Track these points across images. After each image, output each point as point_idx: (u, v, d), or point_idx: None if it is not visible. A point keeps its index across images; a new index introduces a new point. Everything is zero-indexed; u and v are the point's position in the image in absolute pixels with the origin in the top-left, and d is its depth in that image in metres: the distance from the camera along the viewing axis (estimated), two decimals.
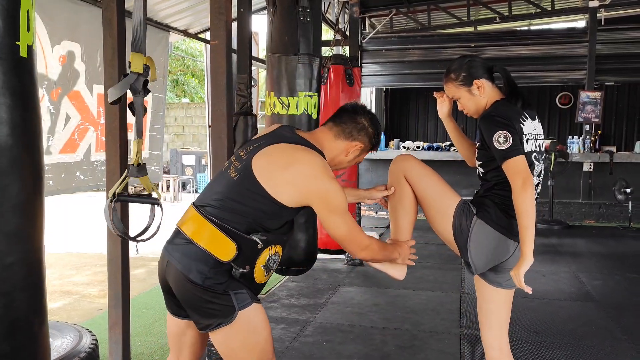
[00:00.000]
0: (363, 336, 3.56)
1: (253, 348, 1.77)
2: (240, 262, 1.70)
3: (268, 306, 4.12)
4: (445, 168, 8.67)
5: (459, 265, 5.46)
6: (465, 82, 2.14)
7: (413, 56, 8.97)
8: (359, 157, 1.99)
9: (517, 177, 1.93)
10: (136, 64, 1.83)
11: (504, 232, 2.07)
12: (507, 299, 2.21)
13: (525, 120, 2.08)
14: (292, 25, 3.18)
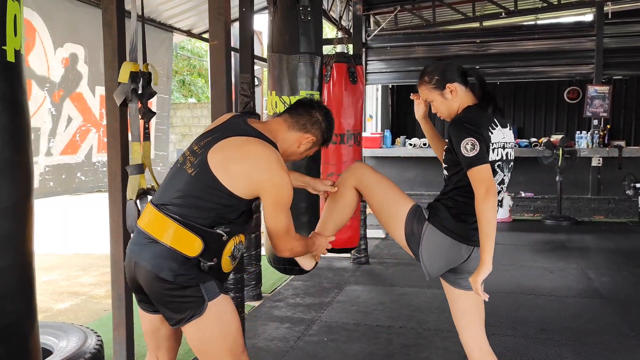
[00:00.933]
0: (368, 335, 3.55)
1: (224, 338, 1.81)
2: (208, 255, 1.76)
3: (273, 305, 4.12)
4: None
5: None
6: (438, 85, 2.17)
7: (418, 53, 8.93)
8: (310, 150, 2.03)
9: (481, 185, 1.94)
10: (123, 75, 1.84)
11: (454, 237, 2.08)
12: (475, 300, 2.20)
13: (495, 128, 2.09)
14: (293, 24, 3.17)
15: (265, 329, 3.62)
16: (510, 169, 2.19)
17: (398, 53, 8.96)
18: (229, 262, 1.84)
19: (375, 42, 8.91)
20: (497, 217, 2.04)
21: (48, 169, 4.15)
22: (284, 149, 1.93)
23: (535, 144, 8.57)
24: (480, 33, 8.81)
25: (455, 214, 2.08)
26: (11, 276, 1.10)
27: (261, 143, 1.81)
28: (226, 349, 1.82)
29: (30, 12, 3.81)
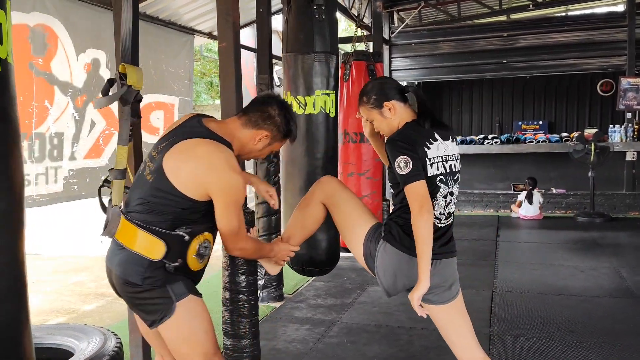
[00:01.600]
0: (389, 337, 3.49)
1: (193, 339, 1.85)
2: (172, 257, 1.81)
3: (294, 306, 4.10)
4: (479, 162, 8.50)
5: (492, 261, 5.33)
6: (376, 104, 2.19)
7: (444, 49, 8.80)
8: (271, 147, 2.02)
9: (415, 202, 1.98)
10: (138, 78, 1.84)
11: (407, 252, 2.08)
12: (453, 312, 2.19)
13: (433, 143, 2.09)
14: (307, 23, 3.14)
15: (285, 331, 3.61)
16: (457, 181, 2.19)
17: (423, 49, 8.85)
18: (196, 261, 1.87)
19: (399, 39, 8.82)
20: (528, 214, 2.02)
21: (72, 173, 4.23)
22: (240, 147, 1.95)
23: (567, 138, 8.35)
24: (507, 26, 8.63)
25: (406, 230, 2.07)
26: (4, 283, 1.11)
27: (211, 144, 1.82)
28: (196, 349, 1.86)
29: (51, 19, 3.88)
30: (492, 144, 8.23)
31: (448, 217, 2.14)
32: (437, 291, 2.12)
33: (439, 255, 2.08)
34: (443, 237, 2.13)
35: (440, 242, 2.11)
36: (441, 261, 2.11)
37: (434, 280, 2.04)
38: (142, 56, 4.95)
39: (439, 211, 2.09)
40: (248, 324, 2.40)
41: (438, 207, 2.08)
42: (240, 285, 2.37)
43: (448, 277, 2.15)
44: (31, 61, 3.77)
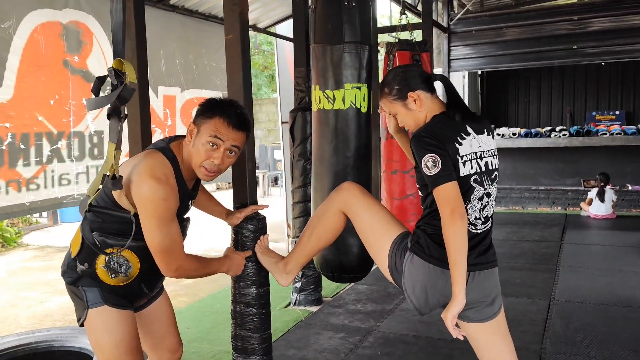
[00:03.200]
0: (427, 349, 3.22)
1: (102, 350, 1.79)
2: (82, 258, 1.77)
3: (331, 312, 3.90)
4: (545, 156, 7.95)
5: (554, 266, 4.90)
6: (400, 95, 1.94)
7: (508, 35, 8.24)
8: (201, 135, 1.76)
9: (445, 207, 1.72)
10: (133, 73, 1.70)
11: (439, 264, 1.82)
12: (494, 331, 1.92)
13: (465, 138, 1.83)
14: (336, 11, 2.90)
15: (317, 339, 3.41)
16: (495, 180, 1.91)
17: (485, 37, 8.34)
18: (106, 274, 1.77)
19: (458, 26, 8.36)
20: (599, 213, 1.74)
21: None
22: (188, 158, 1.80)
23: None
24: (578, 9, 7.96)
25: (436, 240, 1.82)
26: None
27: (147, 154, 1.76)
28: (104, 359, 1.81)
29: (85, 16, 3.84)
30: (559, 136, 7.65)
31: (485, 222, 1.88)
32: (478, 307, 1.86)
33: (476, 267, 1.83)
34: (480, 245, 1.87)
35: (477, 252, 1.86)
36: (480, 273, 1.85)
37: (472, 295, 1.79)
38: (182, 51, 4.89)
39: (474, 216, 1.84)
40: (259, 340, 2.23)
41: (473, 211, 1.83)
42: (249, 297, 2.21)
43: (489, 291, 1.89)
44: (66, 59, 3.75)
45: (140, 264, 1.78)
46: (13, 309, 4.45)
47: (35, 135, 3.60)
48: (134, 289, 1.84)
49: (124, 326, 1.79)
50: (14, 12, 3.31)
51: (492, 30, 8.28)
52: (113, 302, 1.79)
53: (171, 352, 2.02)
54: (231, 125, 1.76)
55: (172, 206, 1.70)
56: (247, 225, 2.19)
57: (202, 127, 1.76)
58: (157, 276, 1.90)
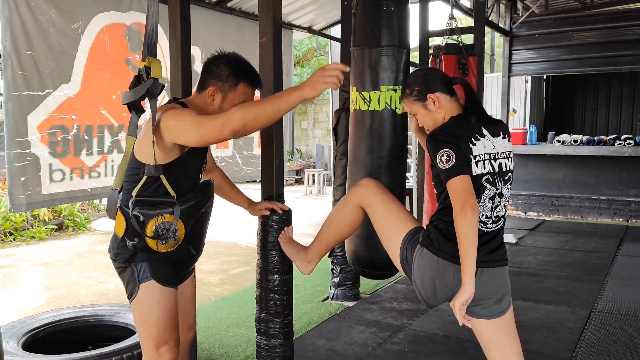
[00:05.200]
0: (455, 349, 3.26)
1: (145, 324, 1.92)
2: (130, 235, 1.88)
3: (367, 307, 3.99)
4: (609, 165, 7.66)
5: (602, 277, 4.77)
6: (420, 97, 2.04)
7: (573, 39, 7.99)
8: (229, 100, 1.93)
9: (457, 199, 1.80)
10: (158, 70, 1.88)
11: (446, 258, 1.90)
12: (501, 328, 1.98)
13: (479, 140, 1.91)
14: (375, 15, 3.01)
15: (349, 332, 3.52)
16: (508, 181, 1.98)
17: (549, 40, 8.13)
18: (155, 242, 1.88)
19: (521, 29, 8.19)
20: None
21: None
22: (201, 112, 1.90)
23: None
24: None
25: (446, 235, 1.90)
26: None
27: (164, 106, 1.89)
28: (147, 336, 1.92)
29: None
30: (624, 145, 7.34)
31: (497, 222, 1.96)
32: (485, 303, 1.94)
33: (485, 264, 1.91)
34: (490, 244, 1.95)
35: (487, 249, 1.93)
36: (488, 270, 1.93)
37: (479, 291, 1.86)
38: (238, 51, 5.12)
39: (484, 214, 1.92)
40: (280, 324, 2.37)
41: (484, 210, 1.91)
42: (272, 283, 2.35)
43: (497, 289, 1.96)
44: (128, 57, 4.05)
45: (185, 225, 1.92)
46: (75, 287, 4.83)
47: (98, 127, 3.90)
48: (183, 252, 1.96)
49: (166, 304, 1.93)
50: (83, 14, 3.62)
51: (557, 34, 8.06)
52: (160, 278, 1.91)
53: (188, 329, 2.18)
54: (255, 88, 1.99)
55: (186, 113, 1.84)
56: (273, 216, 2.34)
57: (228, 93, 1.93)
58: (200, 237, 2.06)
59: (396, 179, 3.13)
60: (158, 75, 1.92)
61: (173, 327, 1.96)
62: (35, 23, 3.32)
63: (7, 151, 3.25)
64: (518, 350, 2.00)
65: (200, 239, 2.07)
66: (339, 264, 4.16)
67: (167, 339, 1.92)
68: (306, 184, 11.09)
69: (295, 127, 14.31)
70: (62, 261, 5.84)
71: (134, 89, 1.94)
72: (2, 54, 3.23)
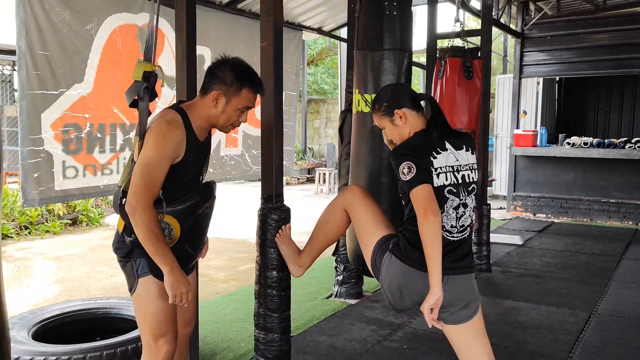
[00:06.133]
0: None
1: (144, 317, 2.00)
2: (128, 231, 1.95)
3: (369, 305, 4.07)
4: (620, 168, 7.64)
5: (606, 280, 4.79)
6: (387, 112, 2.12)
7: (585, 42, 7.98)
8: (232, 104, 1.98)
9: (419, 205, 1.89)
10: (137, 73, 1.96)
11: (414, 266, 1.99)
12: (469, 332, 2.07)
13: (440, 153, 2.00)
14: (377, 19, 3.09)
15: (349, 329, 3.60)
16: (472, 192, 2.07)
17: (560, 42, 8.12)
18: None
19: (533, 31, 8.19)
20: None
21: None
22: (207, 118, 2.00)
23: None
24: None
25: (413, 243, 1.99)
26: None
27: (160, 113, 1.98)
28: (146, 328, 2.01)
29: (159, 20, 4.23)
30: (634, 148, 7.32)
31: (462, 231, 2.05)
32: (451, 309, 2.03)
33: (450, 271, 1.99)
34: (456, 252, 2.03)
35: (453, 257, 2.02)
36: (453, 277, 2.01)
37: (445, 297, 1.93)
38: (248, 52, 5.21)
39: (449, 224, 2.01)
40: (278, 319, 2.45)
41: (448, 220, 2.00)
42: (270, 280, 2.43)
43: (463, 295, 2.04)
44: (139, 57, 4.14)
45: (181, 225, 1.99)
46: (87, 280, 4.96)
47: (110, 125, 4.01)
48: (180, 250, 2.00)
49: (163, 298, 1.99)
50: (96, 15, 3.72)
51: (569, 36, 8.05)
52: (157, 273, 1.95)
53: (186, 323, 2.25)
54: (257, 93, 2.05)
55: (171, 147, 1.87)
56: (272, 214, 2.42)
57: (232, 98, 1.98)
58: (199, 237, 2.13)
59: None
60: (137, 77, 2.00)
61: (170, 320, 2.04)
62: (50, 24, 3.43)
63: (20, 148, 3.36)
64: (488, 351, 2.09)
65: (198, 239, 2.13)
66: (343, 262, 4.23)
67: (165, 331, 2.00)
68: (317, 183, 11.17)
69: (307, 126, 14.41)
70: (75, 255, 5.99)
71: (128, 91, 2.02)
72: (17, 53, 3.35)
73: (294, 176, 12.43)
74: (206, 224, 2.16)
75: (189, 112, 1.99)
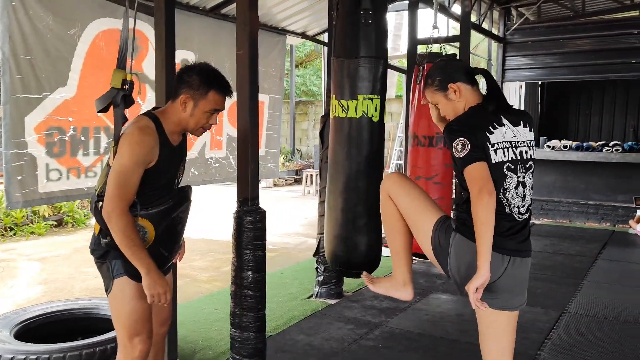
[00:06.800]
0: (427, 347, 3.42)
1: (119, 317, 2.07)
2: (103, 233, 2.01)
3: (348, 305, 4.16)
4: (598, 170, 7.82)
5: (579, 280, 4.92)
6: (441, 86, 2.07)
7: (565, 47, 8.16)
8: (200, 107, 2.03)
9: (473, 185, 1.85)
10: (116, 80, 2.03)
11: None
12: (509, 323, 2.04)
13: (498, 128, 1.95)
14: (354, 28, 3.16)
15: (327, 328, 3.69)
16: (530, 169, 2.01)
17: (541, 48, 8.29)
18: None
19: (515, 37, 8.35)
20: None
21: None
22: (178, 122, 2.06)
23: None
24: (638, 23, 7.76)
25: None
26: None
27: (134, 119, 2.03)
28: (121, 328, 2.08)
29: (143, 24, 4.29)
30: (612, 151, 7.49)
31: (526, 212, 2.00)
32: (509, 294, 1.98)
33: (516, 253, 1.95)
34: (520, 234, 1.99)
35: (518, 239, 1.97)
36: (521, 260, 1.97)
37: (508, 281, 1.94)
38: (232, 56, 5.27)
39: (515, 204, 1.96)
40: (253, 318, 2.54)
41: (514, 200, 1.96)
42: (246, 280, 2.51)
43: (521, 279, 2.01)
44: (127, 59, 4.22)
45: (155, 228, 2.04)
46: (71, 281, 5.01)
47: (94, 129, 4.07)
48: (155, 253, 2.05)
49: (138, 298, 2.05)
50: (79, 20, 3.78)
51: (549, 42, 8.22)
52: (132, 274, 2.00)
53: (161, 323, 2.30)
54: (225, 96, 2.10)
55: (144, 154, 1.94)
56: (247, 217, 2.50)
57: (199, 101, 2.03)
58: (174, 240, 2.19)
59: (372, 184, 3.29)
60: (116, 84, 2.08)
61: (145, 320, 2.09)
62: (33, 29, 3.48)
63: (4, 151, 3.41)
64: (512, 348, 2.06)
65: (173, 242, 2.19)
66: (323, 263, 4.32)
67: (140, 330, 2.06)
68: (304, 184, 11.27)
69: (296, 127, 14.49)
70: (59, 256, 6.03)
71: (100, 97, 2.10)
72: (1, 58, 3.40)
73: (282, 177, 12.52)
74: (181, 228, 2.21)
75: (161, 117, 2.05)
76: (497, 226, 1.90)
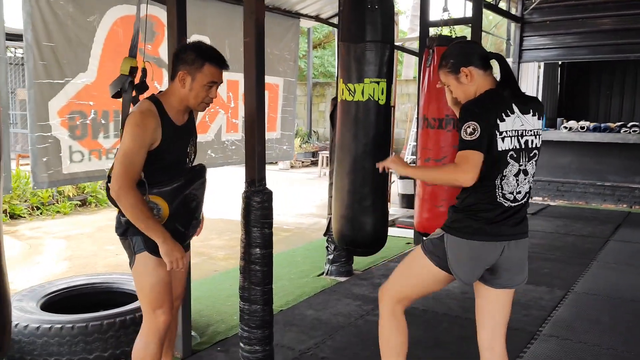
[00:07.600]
0: (430, 322, 3.55)
1: (142, 290, 2.20)
2: (122, 211, 2.10)
3: (357, 283, 4.30)
4: (615, 152, 7.77)
5: (589, 260, 4.98)
6: (453, 69, 2.11)
7: (585, 26, 8.05)
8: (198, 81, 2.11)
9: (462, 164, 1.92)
10: (124, 67, 2.17)
11: (475, 238, 2.03)
12: (504, 300, 2.16)
13: (509, 115, 1.99)
14: (360, 12, 3.26)
15: (335, 304, 3.84)
16: (533, 158, 2.06)
17: (560, 27, 8.20)
18: None
19: (533, 16, 8.27)
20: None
21: None
22: (179, 100, 2.15)
23: None
24: None
25: (468, 215, 2.04)
26: None
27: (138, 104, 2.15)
28: (145, 300, 2.21)
29: (159, 10, 4.41)
30: (629, 132, 7.44)
31: (522, 198, 2.06)
32: (509, 273, 2.09)
33: (510, 237, 2.04)
34: (514, 217, 2.06)
35: (512, 222, 2.05)
36: (517, 242, 2.07)
37: (509, 262, 2.05)
38: None
39: (508, 190, 2.01)
40: (260, 291, 2.68)
41: (508, 187, 2.01)
42: (254, 256, 2.65)
43: (519, 259, 2.10)
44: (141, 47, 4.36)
45: (169, 205, 2.16)
46: (93, 258, 5.25)
47: (114, 112, 4.23)
48: (171, 229, 2.16)
49: (159, 271, 2.19)
50: (98, 8, 3.93)
51: (568, 21, 8.13)
52: (152, 249, 2.12)
53: (176, 298, 2.43)
54: (221, 68, 2.18)
55: (145, 135, 2.05)
56: (255, 196, 2.64)
57: (196, 75, 2.11)
58: (189, 216, 2.30)
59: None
60: (124, 71, 2.22)
61: (166, 292, 2.24)
62: (54, 17, 3.64)
63: (30, 134, 3.60)
64: (506, 323, 2.18)
65: (189, 218, 2.31)
66: (333, 242, 4.46)
67: (162, 303, 2.21)
68: (320, 166, 11.39)
69: (313, 109, 14.56)
70: (83, 234, 6.29)
71: (112, 83, 2.24)
72: (24, 45, 3.57)
73: (298, 159, 12.65)
74: (196, 205, 2.32)
75: (163, 99, 2.15)
76: (488, 213, 2.01)
